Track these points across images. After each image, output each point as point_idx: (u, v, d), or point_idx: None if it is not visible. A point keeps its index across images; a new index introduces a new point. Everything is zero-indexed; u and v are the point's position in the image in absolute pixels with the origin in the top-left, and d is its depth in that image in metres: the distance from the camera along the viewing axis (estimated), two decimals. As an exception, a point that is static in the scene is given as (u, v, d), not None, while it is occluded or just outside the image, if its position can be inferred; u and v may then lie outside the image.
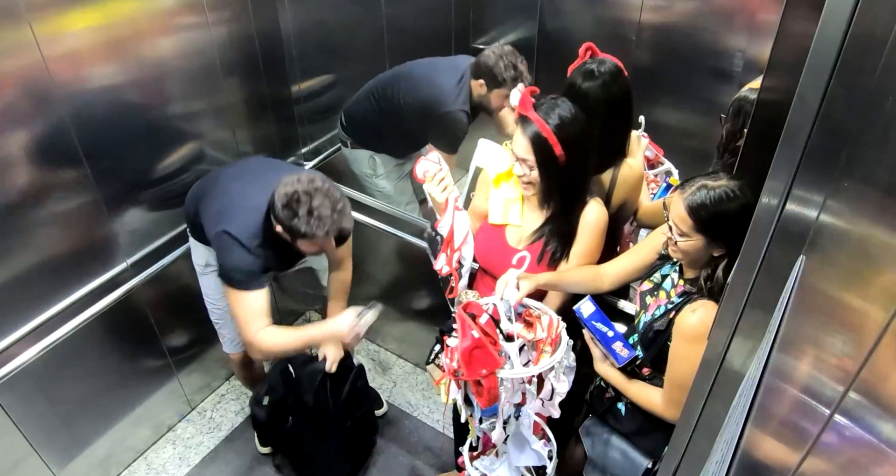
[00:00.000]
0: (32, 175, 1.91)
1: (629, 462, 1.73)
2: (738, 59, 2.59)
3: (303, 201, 1.78)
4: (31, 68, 1.79)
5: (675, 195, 1.48)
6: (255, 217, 1.94)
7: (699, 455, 1.08)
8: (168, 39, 2.14)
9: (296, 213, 1.78)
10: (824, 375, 0.70)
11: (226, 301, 2.06)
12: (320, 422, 2.31)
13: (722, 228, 1.43)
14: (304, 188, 1.79)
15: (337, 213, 1.82)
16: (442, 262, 1.86)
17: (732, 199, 1.41)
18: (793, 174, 0.81)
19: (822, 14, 0.72)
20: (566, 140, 1.62)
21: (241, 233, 1.92)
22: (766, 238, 0.88)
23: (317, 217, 1.79)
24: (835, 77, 0.73)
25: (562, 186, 1.71)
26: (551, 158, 1.63)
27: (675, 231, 1.48)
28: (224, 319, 2.34)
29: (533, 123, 1.62)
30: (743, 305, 0.95)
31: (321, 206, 1.79)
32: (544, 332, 1.59)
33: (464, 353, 1.49)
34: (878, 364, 0.55)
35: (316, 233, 1.80)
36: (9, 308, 1.97)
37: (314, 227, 1.79)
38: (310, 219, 1.78)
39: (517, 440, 1.76)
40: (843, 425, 0.61)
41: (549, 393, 1.62)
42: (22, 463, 2.17)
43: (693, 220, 1.44)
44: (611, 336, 1.64)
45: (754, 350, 0.94)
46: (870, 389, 0.58)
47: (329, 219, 1.80)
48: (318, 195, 1.79)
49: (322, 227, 1.80)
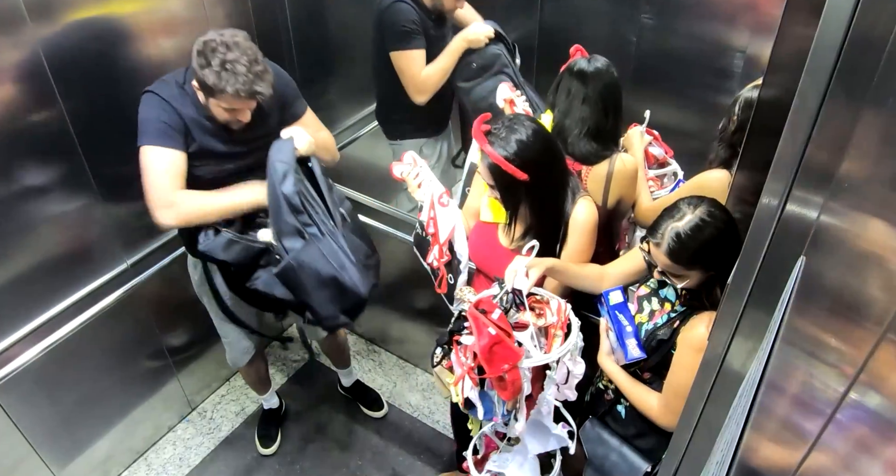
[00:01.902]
0: (32, 175, 1.91)
1: (628, 465, 1.73)
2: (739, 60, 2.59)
3: (218, 52, 1.66)
4: (29, 64, 1.80)
5: (651, 248, 1.50)
6: (175, 80, 1.83)
7: (699, 456, 1.07)
8: (168, 38, 2.14)
9: (209, 62, 1.66)
10: (825, 376, 0.70)
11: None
12: None
13: (709, 256, 1.45)
14: (223, 39, 1.68)
15: (252, 73, 1.68)
16: (432, 256, 1.87)
17: (704, 227, 1.43)
18: (793, 175, 0.81)
19: (823, 14, 0.72)
20: (527, 163, 1.61)
21: (161, 89, 1.80)
22: (766, 239, 0.88)
23: (230, 70, 1.66)
24: (835, 77, 0.73)
25: (533, 201, 1.71)
26: (514, 183, 1.64)
27: (669, 276, 1.51)
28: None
29: (486, 156, 1.63)
30: (743, 306, 0.94)
31: (236, 61, 1.66)
32: (554, 316, 1.58)
33: (483, 351, 1.47)
34: (879, 364, 0.55)
35: (225, 88, 1.66)
36: (9, 308, 1.98)
37: (224, 81, 1.66)
38: (221, 71, 1.66)
39: (535, 429, 1.74)
40: (843, 426, 0.61)
41: (565, 376, 1.61)
42: (22, 463, 2.17)
43: (680, 263, 1.46)
44: (629, 330, 1.63)
45: (754, 351, 0.94)
46: (870, 390, 0.58)
47: (243, 76, 1.66)
48: (236, 50, 1.67)
49: (233, 83, 1.66)
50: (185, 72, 1.82)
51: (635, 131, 2.15)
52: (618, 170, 1.90)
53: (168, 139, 1.77)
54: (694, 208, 1.45)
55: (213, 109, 1.78)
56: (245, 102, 1.74)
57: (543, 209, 1.74)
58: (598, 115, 1.88)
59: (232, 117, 1.79)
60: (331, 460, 2.67)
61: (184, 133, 1.81)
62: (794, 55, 1.19)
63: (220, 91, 1.68)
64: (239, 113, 1.78)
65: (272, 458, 2.67)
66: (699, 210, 1.44)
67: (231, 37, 1.69)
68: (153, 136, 1.76)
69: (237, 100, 1.71)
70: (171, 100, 1.79)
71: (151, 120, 1.77)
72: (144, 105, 1.79)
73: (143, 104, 1.79)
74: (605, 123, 1.90)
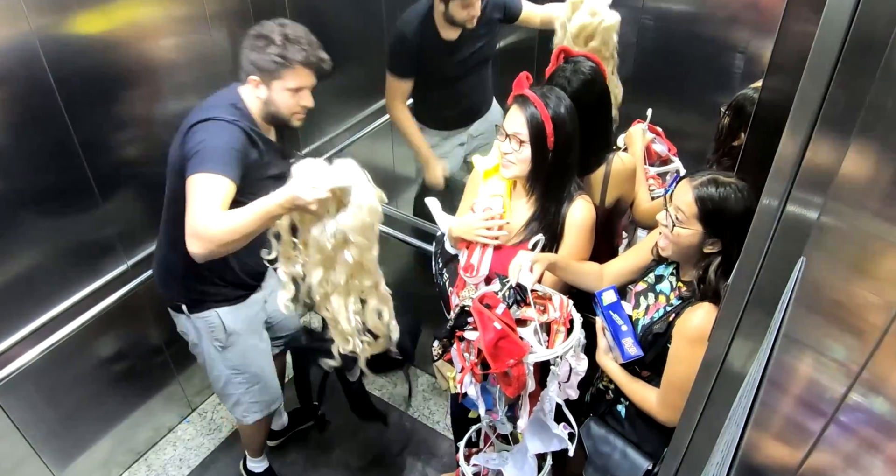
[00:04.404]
0: (32, 176, 1.91)
1: (629, 463, 1.72)
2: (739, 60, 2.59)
3: (276, 30, 1.71)
4: (29, 66, 1.80)
5: (683, 182, 1.49)
6: (225, 102, 1.79)
7: (700, 456, 1.07)
8: (169, 40, 2.15)
9: (270, 40, 1.70)
10: (826, 376, 0.70)
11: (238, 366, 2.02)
12: None
13: (722, 224, 1.44)
14: (275, 23, 1.74)
15: (311, 44, 1.75)
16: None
17: (739, 199, 1.42)
18: (793, 175, 0.81)
19: (823, 14, 0.72)
20: (558, 128, 1.62)
21: (225, 114, 1.73)
22: (766, 239, 0.88)
23: (293, 41, 1.71)
24: (835, 78, 0.73)
25: (547, 175, 1.70)
26: (543, 141, 1.64)
27: (674, 218, 1.48)
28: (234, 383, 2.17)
29: (532, 104, 1.62)
30: (744, 306, 0.94)
31: (296, 32, 1.73)
32: (557, 312, 1.58)
33: (488, 346, 1.47)
34: (880, 364, 0.55)
35: (295, 56, 1.71)
36: (9, 309, 1.98)
37: (291, 52, 1.70)
38: (286, 43, 1.70)
39: (536, 428, 1.74)
40: (844, 426, 0.61)
41: (567, 373, 1.60)
42: (22, 464, 2.17)
43: (699, 208, 1.44)
44: (624, 330, 1.63)
45: (755, 351, 0.94)
46: (871, 390, 0.57)
47: (306, 42, 1.73)
48: (290, 25, 1.74)
49: (299, 51, 1.71)
50: (229, 91, 1.82)
51: (637, 129, 2.13)
52: (616, 168, 1.89)
53: (232, 170, 1.66)
54: (740, 180, 1.45)
55: (277, 98, 1.77)
56: (309, 77, 1.78)
57: (550, 191, 1.73)
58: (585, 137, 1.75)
59: (295, 102, 1.79)
60: (331, 461, 2.67)
61: (245, 161, 1.73)
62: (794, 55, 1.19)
63: (289, 63, 1.71)
64: (302, 96, 1.79)
65: (272, 459, 2.67)
66: (744, 184, 1.44)
67: (278, 20, 1.74)
68: (219, 164, 1.64)
69: (305, 69, 1.74)
70: (239, 122, 1.75)
71: (221, 147, 1.67)
72: (213, 132, 1.70)
73: (211, 131, 1.70)
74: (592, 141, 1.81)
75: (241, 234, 1.53)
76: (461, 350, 1.60)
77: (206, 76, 2.30)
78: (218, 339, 2.05)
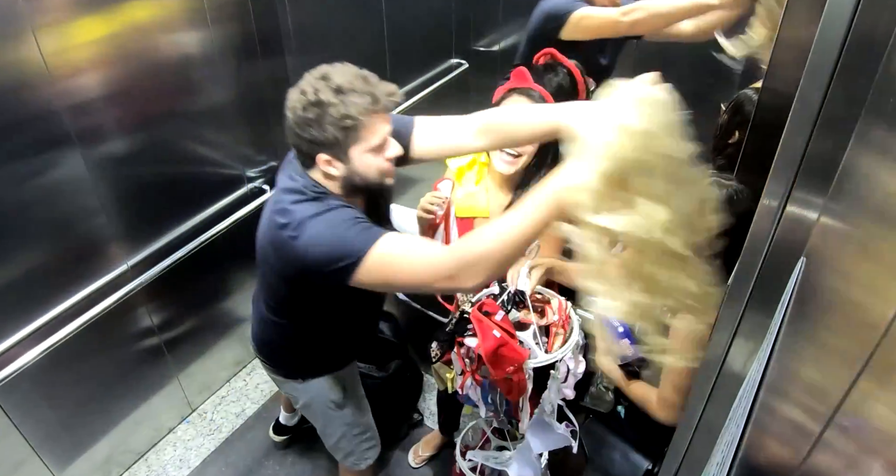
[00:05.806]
0: (31, 176, 1.91)
1: (629, 463, 1.73)
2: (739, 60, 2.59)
3: (321, 90, 1.36)
4: (29, 67, 1.79)
5: None
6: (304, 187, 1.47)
7: (700, 457, 1.07)
8: (167, 39, 2.14)
9: (325, 103, 1.35)
10: (826, 377, 0.70)
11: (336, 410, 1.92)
12: None
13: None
14: (313, 78, 1.39)
15: (367, 81, 1.39)
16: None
17: (736, 202, 1.41)
18: (793, 176, 0.81)
19: (823, 15, 0.72)
20: None
21: (321, 204, 1.43)
22: (766, 240, 0.88)
23: (349, 89, 1.36)
24: (835, 78, 0.73)
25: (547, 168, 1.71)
26: None
27: None
28: (349, 436, 2.05)
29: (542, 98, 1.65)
30: (743, 307, 0.94)
31: (345, 76, 1.38)
32: (555, 315, 1.58)
33: (488, 353, 1.47)
34: (880, 365, 0.55)
35: (362, 107, 1.35)
36: (9, 310, 1.97)
37: (351, 105, 1.35)
38: (342, 97, 1.35)
39: (538, 428, 1.74)
40: (845, 427, 0.61)
41: (564, 375, 1.60)
42: (22, 465, 2.17)
43: None
44: (620, 331, 1.64)
45: (755, 352, 0.94)
46: (871, 391, 0.57)
47: (361, 82, 1.38)
48: (333, 71, 1.39)
49: (362, 98, 1.35)
50: (294, 182, 1.48)
51: None
52: None
53: (376, 229, 1.39)
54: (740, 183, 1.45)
55: (360, 166, 1.43)
56: (385, 121, 1.42)
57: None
58: None
59: (382, 159, 1.45)
60: (331, 461, 2.67)
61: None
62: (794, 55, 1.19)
63: (359, 121, 1.36)
64: (387, 147, 1.45)
65: (272, 460, 2.67)
66: (743, 187, 1.43)
67: (316, 72, 1.41)
68: (367, 233, 1.38)
69: (378, 117, 1.39)
70: (337, 206, 1.44)
71: (350, 226, 1.39)
72: (325, 224, 1.40)
73: (324, 224, 1.40)
74: None
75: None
76: (461, 354, 1.61)
77: (207, 76, 2.30)
78: (333, 400, 1.93)
